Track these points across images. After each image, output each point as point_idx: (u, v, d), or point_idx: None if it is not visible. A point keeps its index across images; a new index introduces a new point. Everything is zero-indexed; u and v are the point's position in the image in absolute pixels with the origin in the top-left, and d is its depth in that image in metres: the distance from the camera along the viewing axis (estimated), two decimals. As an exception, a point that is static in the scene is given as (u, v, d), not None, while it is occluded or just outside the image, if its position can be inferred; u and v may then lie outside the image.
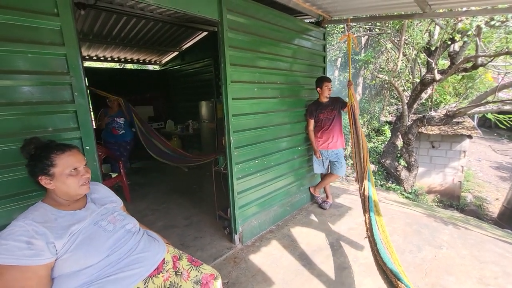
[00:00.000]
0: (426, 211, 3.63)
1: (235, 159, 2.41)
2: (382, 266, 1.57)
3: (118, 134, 3.85)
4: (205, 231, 2.82)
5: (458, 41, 5.29)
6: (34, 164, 1.04)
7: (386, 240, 1.77)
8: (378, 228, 1.88)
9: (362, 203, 2.29)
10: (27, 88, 1.29)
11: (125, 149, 4.00)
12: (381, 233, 1.83)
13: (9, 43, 1.23)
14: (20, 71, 1.26)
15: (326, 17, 3.31)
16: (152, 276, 1.10)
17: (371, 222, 1.95)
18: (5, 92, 1.25)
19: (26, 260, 0.89)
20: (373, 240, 1.80)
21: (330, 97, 3.04)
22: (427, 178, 7.46)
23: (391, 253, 1.64)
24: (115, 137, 3.87)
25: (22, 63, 1.27)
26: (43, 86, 1.33)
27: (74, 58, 1.39)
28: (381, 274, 1.59)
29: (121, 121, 3.85)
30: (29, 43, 1.27)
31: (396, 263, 1.55)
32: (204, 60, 5.46)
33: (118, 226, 1.15)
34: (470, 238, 2.69)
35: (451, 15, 3.23)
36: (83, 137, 1.45)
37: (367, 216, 2.05)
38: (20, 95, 1.28)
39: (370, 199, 2.20)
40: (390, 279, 1.45)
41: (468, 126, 6.88)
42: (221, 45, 2.21)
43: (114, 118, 3.82)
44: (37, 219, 0.98)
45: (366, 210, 2.13)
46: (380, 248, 1.68)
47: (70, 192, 1.08)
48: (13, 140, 1.26)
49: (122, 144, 3.96)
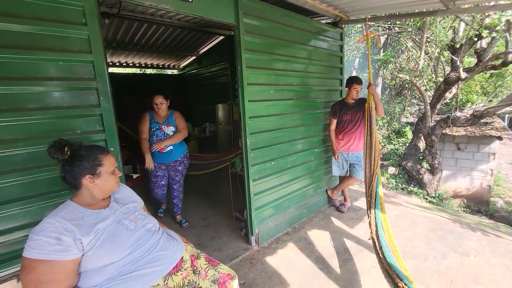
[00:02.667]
0: (451, 216, 3.46)
1: (252, 160, 2.43)
2: (388, 270, 1.52)
3: (165, 152, 2.64)
4: (222, 232, 2.85)
5: (486, 37, 5.03)
6: (81, 165, 1.10)
7: (392, 243, 1.73)
8: (384, 231, 1.84)
9: (367, 204, 2.26)
10: (58, 94, 1.38)
11: (177, 171, 2.79)
12: (386, 236, 1.79)
13: (42, 52, 1.33)
14: (52, 78, 1.36)
15: (343, 17, 3.27)
16: (171, 274, 1.13)
17: (376, 223, 1.90)
18: (38, 97, 1.34)
19: (55, 255, 0.95)
20: (378, 242, 1.76)
21: (358, 98, 2.95)
22: (452, 182, 7.11)
23: (397, 257, 1.59)
24: (160, 156, 2.65)
25: (53, 70, 1.37)
26: (72, 92, 1.42)
27: (100, 65, 1.47)
28: (387, 278, 1.54)
29: (169, 131, 2.63)
30: (59, 52, 1.36)
31: (402, 267, 1.50)
32: (221, 63, 5.55)
33: (139, 225, 1.20)
34: (501, 246, 2.53)
35: (477, 10, 3.06)
36: (108, 139, 1.53)
37: (372, 215, 2.01)
38: (51, 100, 1.37)
39: (377, 195, 2.16)
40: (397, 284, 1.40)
41: (498, 127, 6.49)
42: (237, 48, 2.25)
43: (161, 126, 2.61)
44: (66, 217, 1.04)
45: (371, 207, 2.09)
46: (386, 251, 1.64)
47: (108, 189, 1.18)
48: (45, 142, 1.35)
49: (171, 166, 2.75)
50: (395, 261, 1.54)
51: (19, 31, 1.26)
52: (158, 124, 2.61)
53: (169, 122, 2.67)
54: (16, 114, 1.28)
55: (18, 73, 1.28)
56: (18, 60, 1.27)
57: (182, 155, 2.80)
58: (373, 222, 1.95)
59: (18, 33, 1.26)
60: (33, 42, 1.30)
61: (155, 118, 2.63)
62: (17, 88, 1.28)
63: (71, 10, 1.39)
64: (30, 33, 1.29)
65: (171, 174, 2.82)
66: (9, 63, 1.25)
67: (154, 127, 2.60)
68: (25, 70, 1.29)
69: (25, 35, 1.28)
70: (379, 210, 2.01)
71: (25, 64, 1.29)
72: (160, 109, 2.54)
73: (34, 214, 1.37)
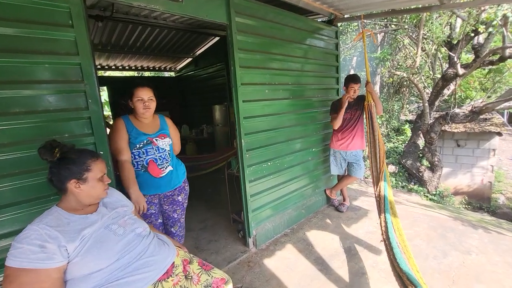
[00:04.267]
0: (452, 213, 3.42)
1: (247, 161, 2.40)
2: (399, 272, 1.48)
3: (162, 177, 1.74)
4: (220, 234, 2.81)
5: (483, 33, 5.00)
6: (68, 169, 1.07)
7: (403, 244, 1.68)
8: (394, 231, 1.78)
9: (377, 205, 2.21)
10: (45, 97, 1.35)
11: (175, 204, 1.90)
12: (397, 236, 1.74)
13: (29, 55, 1.29)
14: (39, 81, 1.33)
15: (337, 15, 3.24)
16: (161, 280, 1.10)
17: (387, 224, 1.85)
18: (25, 101, 1.31)
19: (39, 263, 0.92)
20: (389, 243, 1.71)
21: (357, 96, 2.89)
22: (452, 179, 7.07)
23: (408, 258, 1.55)
24: (155, 184, 1.72)
25: (40, 73, 1.33)
26: (60, 94, 1.39)
27: (88, 67, 1.44)
28: (398, 280, 1.50)
29: (165, 145, 1.75)
30: (46, 54, 1.33)
31: (414, 269, 1.46)
32: (217, 64, 5.53)
33: (128, 229, 1.16)
34: (503, 244, 2.49)
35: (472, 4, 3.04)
36: (97, 142, 1.50)
37: (382, 217, 1.96)
38: (38, 103, 1.34)
39: (386, 199, 2.11)
40: (406, 286, 1.36)
41: (497, 123, 6.46)
42: (230, 48, 2.22)
43: (152, 139, 1.69)
44: (50, 223, 1.01)
45: (381, 211, 2.04)
46: (397, 252, 1.59)
47: (94, 195, 1.13)
48: (32, 147, 1.32)
49: (168, 197, 1.85)
50: (406, 263, 1.49)
51: (4, 33, 1.23)
52: (146, 137, 1.66)
53: (163, 132, 1.76)
54: (1, 118, 1.25)
55: (3, 77, 1.24)
56: (2, 64, 1.24)
57: (184, 177, 1.96)
58: (383, 223, 1.90)
59: (3, 36, 1.23)
60: (19, 44, 1.27)
61: (138, 126, 1.67)
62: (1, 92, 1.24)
63: (57, 12, 1.36)
64: (15, 35, 1.26)
65: (166, 209, 1.87)
66: (-7, 66, 1.22)
67: (141, 141, 1.64)
68: (10, 73, 1.26)
69: (10, 38, 1.25)
70: (389, 213, 1.95)
71: (10, 67, 1.26)
72: (148, 111, 1.64)
73: (22, 221, 1.33)
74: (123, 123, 1.65)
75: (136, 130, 1.65)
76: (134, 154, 1.65)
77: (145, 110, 1.63)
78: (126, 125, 1.65)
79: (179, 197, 1.91)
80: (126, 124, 1.65)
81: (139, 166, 1.67)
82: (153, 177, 1.69)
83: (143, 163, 1.67)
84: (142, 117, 1.67)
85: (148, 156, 1.67)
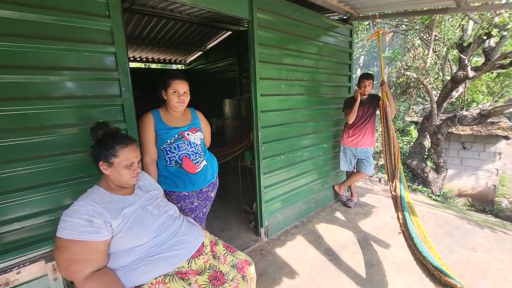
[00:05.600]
0: (457, 213, 3.48)
1: (263, 154, 2.47)
2: (422, 260, 1.55)
3: (198, 172, 1.70)
4: (231, 224, 2.90)
5: (495, 36, 5.00)
6: (100, 150, 1.14)
7: (423, 235, 1.75)
8: (413, 223, 1.85)
9: (393, 201, 2.26)
10: (83, 83, 1.42)
11: (207, 200, 1.88)
12: (416, 228, 1.81)
13: (69, 43, 1.36)
14: (78, 68, 1.40)
15: (353, 13, 3.27)
16: (194, 257, 1.18)
17: (405, 218, 1.92)
18: (65, 86, 1.38)
19: (88, 236, 1.00)
20: (408, 235, 1.78)
21: (369, 94, 2.97)
22: (457, 181, 7.11)
23: (429, 247, 1.62)
24: (193, 180, 1.68)
25: (79, 61, 1.40)
26: (96, 82, 1.46)
27: (122, 56, 1.51)
28: (422, 268, 1.57)
29: (197, 139, 1.71)
30: (85, 43, 1.40)
31: (436, 257, 1.53)
32: (228, 59, 5.57)
33: (162, 211, 1.24)
34: (509, 243, 2.55)
35: (488, 8, 3.07)
36: (128, 128, 1.57)
37: (400, 214, 2.02)
38: (77, 89, 1.41)
39: (403, 199, 2.17)
40: (432, 273, 1.43)
41: (504, 127, 6.47)
42: (251, 42, 2.27)
43: (183, 134, 1.65)
44: (96, 200, 1.09)
45: (399, 208, 2.10)
46: (418, 242, 1.66)
47: (121, 181, 1.18)
48: (69, 131, 1.40)
49: (203, 193, 1.80)
50: (428, 251, 1.57)
51: (47, 22, 1.30)
52: (177, 130, 1.62)
53: (194, 125, 1.71)
54: (43, 102, 1.32)
55: (46, 62, 1.32)
56: (45, 50, 1.31)
57: (217, 172, 1.90)
58: (401, 217, 1.96)
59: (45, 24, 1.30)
60: (60, 33, 1.34)
61: (168, 120, 1.62)
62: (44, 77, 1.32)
63: (95, 2, 1.42)
64: (56, 24, 1.33)
65: (200, 204, 1.81)
66: (36, 53, 1.29)
67: (172, 135, 1.60)
68: (52, 59, 1.33)
69: (52, 26, 1.32)
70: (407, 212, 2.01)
71: (52, 54, 1.33)
72: (181, 105, 1.61)
73: (57, 200, 1.41)
74: (151, 118, 1.58)
75: (165, 125, 1.60)
76: (166, 149, 1.60)
77: (179, 104, 1.59)
78: (155, 120, 1.59)
79: (212, 193, 1.88)
80: (154, 120, 1.59)
81: (172, 162, 1.62)
82: (188, 173, 1.64)
83: (176, 159, 1.61)
84: (174, 110, 1.63)
85: (181, 152, 1.62)
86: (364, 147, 3.02)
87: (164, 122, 1.61)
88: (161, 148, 1.61)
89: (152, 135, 1.58)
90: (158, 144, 1.61)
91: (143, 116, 1.60)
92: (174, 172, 1.63)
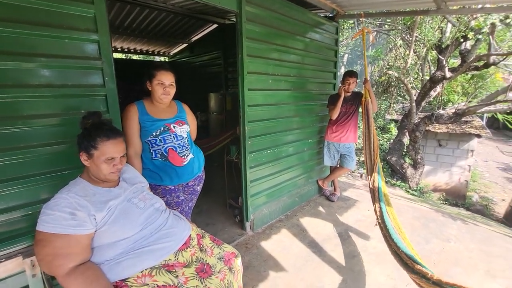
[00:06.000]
0: (433, 207, 3.67)
1: (249, 148, 2.48)
2: (396, 251, 1.63)
3: (185, 166, 1.67)
4: (217, 218, 2.90)
5: (471, 39, 5.25)
6: (82, 140, 1.11)
7: (397, 226, 1.84)
8: (389, 216, 1.94)
9: (371, 194, 2.35)
10: (64, 71, 1.36)
11: (194, 194, 1.86)
12: (392, 220, 1.90)
13: (50, 28, 1.29)
14: (59, 55, 1.33)
15: (339, 11, 3.32)
16: (181, 250, 1.17)
17: (381, 210, 2.01)
18: (45, 74, 1.31)
19: (71, 229, 0.97)
20: (384, 227, 1.87)
21: (353, 92, 3.05)
22: (432, 177, 7.47)
23: (403, 238, 1.70)
24: (179, 173, 1.66)
25: (60, 48, 1.34)
26: (77, 70, 1.40)
27: (105, 45, 1.45)
28: (396, 258, 1.65)
29: (183, 132, 1.67)
30: (67, 29, 1.33)
31: (410, 247, 1.61)
32: (213, 52, 5.49)
33: (148, 204, 1.22)
34: (478, 233, 2.73)
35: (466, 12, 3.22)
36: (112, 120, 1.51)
37: (377, 205, 2.12)
38: (57, 78, 1.34)
39: (380, 190, 2.26)
40: (405, 262, 1.51)
41: (477, 126, 6.84)
42: (239, 36, 2.26)
43: (169, 126, 1.62)
44: (79, 193, 1.05)
45: (376, 200, 2.20)
46: (393, 233, 1.74)
47: (99, 175, 1.13)
48: (50, 121, 1.34)
49: (189, 186, 1.78)
50: (402, 242, 1.65)
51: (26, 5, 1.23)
52: (163, 123, 1.58)
53: (181, 118, 1.68)
54: (21, 90, 1.25)
55: (25, 48, 1.24)
56: (23, 36, 1.23)
57: (203, 165, 1.89)
58: (378, 209, 2.05)
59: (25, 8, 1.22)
60: (40, 17, 1.27)
61: (153, 112, 1.58)
62: (22, 64, 1.25)
63: (77, -14, 1.36)
64: (36, 8, 1.25)
65: (186, 198, 1.79)
66: (14, 38, 1.21)
67: (157, 127, 1.56)
68: (31, 45, 1.26)
69: (32, 10, 1.24)
70: (384, 203, 2.10)
71: (32, 39, 1.26)
72: (167, 97, 1.58)
73: (35, 194, 1.35)
74: (135, 109, 1.53)
75: (150, 117, 1.55)
76: (151, 142, 1.56)
77: (164, 95, 1.55)
78: (139, 112, 1.53)
79: (199, 187, 1.86)
80: (139, 111, 1.53)
81: (157, 155, 1.58)
82: (174, 166, 1.61)
83: (161, 151, 1.58)
84: (159, 102, 1.59)
85: (167, 144, 1.58)
86: (347, 143, 3.11)
87: (149, 114, 1.56)
88: (146, 140, 1.56)
89: (136, 127, 1.53)
90: (143, 137, 1.56)
91: (127, 107, 1.55)
92: (160, 166, 1.60)
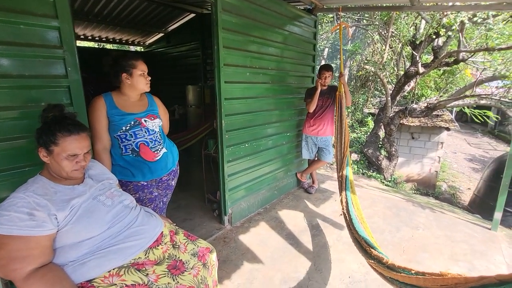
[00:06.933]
0: (404, 196, 3.85)
1: (226, 142, 2.45)
2: (357, 238, 1.71)
3: (158, 160, 1.61)
4: (194, 213, 2.87)
5: (442, 36, 5.48)
6: (40, 135, 1.03)
7: (360, 216, 1.93)
8: (353, 205, 2.03)
9: (339, 184, 2.44)
10: (20, 60, 1.25)
11: (168, 189, 1.81)
12: (356, 210, 1.99)
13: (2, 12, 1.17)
14: (13, 42, 1.22)
15: (318, 4, 3.32)
16: (152, 248, 1.14)
17: (347, 200, 2.10)
18: (-3, 63, 1.20)
19: (29, 230, 0.90)
20: (348, 216, 1.95)
21: (329, 86, 3.09)
22: (406, 168, 7.84)
23: (365, 228, 1.79)
24: (152, 168, 1.60)
25: (14, 35, 1.22)
26: (36, 60, 1.29)
27: (67, 32, 1.35)
28: (356, 245, 1.73)
29: (155, 126, 1.60)
30: (21, 13, 1.22)
31: (370, 235, 1.69)
32: (191, 43, 5.34)
33: (116, 201, 1.17)
34: (444, 221, 2.90)
35: (437, 8, 3.35)
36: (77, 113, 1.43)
37: (343, 194, 2.20)
38: (12, 68, 1.24)
39: (347, 179, 2.35)
40: (364, 249, 1.58)
41: (447, 119, 7.23)
42: (214, 26, 2.19)
43: (140, 120, 1.54)
44: (37, 192, 0.99)
45: (342, 189, 2.28)
46: (355, 223, 1.82)
47: (61, 173, 1.07)
48: (5, 114, 1.24)
49: (163, 182, 1.72)
50: (363, 231, 1.72)
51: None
52: (133, 117, 1.50)
53: (152, 112, 1.61)
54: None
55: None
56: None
57: (177, 159, 1.83)
58: (344, 199, 2.12)
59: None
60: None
61: (122, 106, 1.49)
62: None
63: (32, -34, 1.24)
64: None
65: (160, 194, 1.74)
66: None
67: (127, 122, 1.48)
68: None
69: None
70: (349, 191, 2.19)
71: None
72: (148, 86, 1.59)
73: (-7, 192, 1.25)
74: (103, 102, 1.44)
75: (119, 111, 1.47)
76: (121, 137, 1.48)
77: (147, 85, 1.55)
78: (107, 105, 1.45)
79: (173, 181, 1.81)
80: (107, 105, 1.45)
81: (128, 151, 1.51)
82: (146, 161, 1.55)
83: (132, 147, 1.50)
84: (141, 92, 1.57)
85: (138, 139, 1.51)
86: (324, 136, 3.16)
87: (117, 107, 1.48)
88: (115, 135, 1.49)
89: (104, 121, 1.45)
90: (112, 132, 1.48)
91: (94, 100, 1.46)
92: (131, 161, 1.53)
